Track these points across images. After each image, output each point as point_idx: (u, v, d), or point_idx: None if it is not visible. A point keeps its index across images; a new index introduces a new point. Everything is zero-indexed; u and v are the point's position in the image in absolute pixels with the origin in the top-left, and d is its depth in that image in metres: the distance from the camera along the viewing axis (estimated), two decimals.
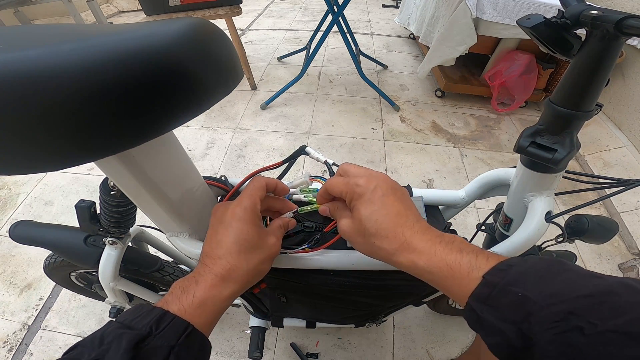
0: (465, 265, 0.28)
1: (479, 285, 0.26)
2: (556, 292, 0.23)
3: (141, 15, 1.68)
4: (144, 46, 0.23)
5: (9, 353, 0.90)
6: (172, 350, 0.26)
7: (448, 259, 0.29)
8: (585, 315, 0.21)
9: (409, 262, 0.30)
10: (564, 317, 0.22)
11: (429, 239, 0.30)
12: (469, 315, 0.27)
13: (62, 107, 0.20)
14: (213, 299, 0.31)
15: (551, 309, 0.22)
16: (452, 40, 1.58)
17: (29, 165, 0.22)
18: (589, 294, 0.22)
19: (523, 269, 0.26)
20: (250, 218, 0.35)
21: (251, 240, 0.34)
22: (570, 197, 1.33)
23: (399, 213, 0.32)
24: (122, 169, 0.31)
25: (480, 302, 0.26)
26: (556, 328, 0.22)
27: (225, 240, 0.34)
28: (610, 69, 0.34)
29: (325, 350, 0.91)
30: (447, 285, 0.29)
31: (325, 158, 0.43)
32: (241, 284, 0.33)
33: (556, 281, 0.24)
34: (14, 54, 0.20)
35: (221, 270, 0.32)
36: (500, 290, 0.25)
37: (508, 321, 0.24)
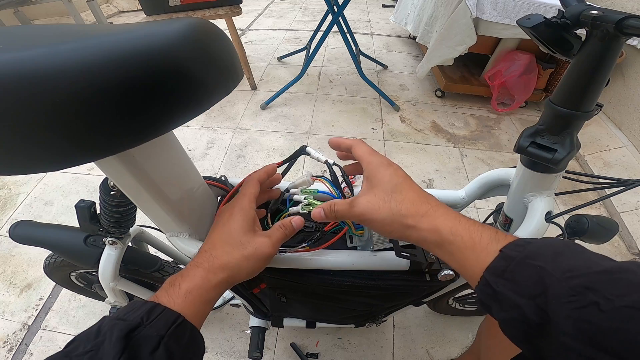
0: (486, 237, 0.28)
1: (496, 259, 0.26)
2: (573, 267, 0.23)
3: (141, 15, 1.68)
4: (144, 46, 0.23)
5: (9, 353, 0.90)
6: (161, 340, 0.27)
7: (471, 229, 0.29)
8: (602, 290, 0.21)
9: (432, 227, 0.30)
10: (580, 291, 0.21)
11: (451, 211, 0.31)
12: (482, 289, 0.27)
13: (62, 107, 0.20)
14: (197, 289, 0.32)
15: (568, 282, 0.22)
16: (451, 40, 1.58)
17: (29, 165, 0.22)
18: (605, 270, 0.22)
19: (541, 244, 0.26)
20: (241, 214, 0.37)
21: (235, 236, 0.36)
22: (570, 197, 1.33)
23: (420, 189, 0.34)
24: (122, 169, 0.31)
25: (497, 275, 0.26)
26: (573, 303, 0.21)
27: (214, 235, 0.37)
28: (611, 69, 0.34)
29: (325, 350, 0.91)
30: (464, 257, 0.28)
31: (326, 158, 0.43)
32: (223, 277, 0.34)
33: (573, 258, 0.24)
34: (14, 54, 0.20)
35: (204, 262, 0.34)
36: (517, 264, 0.25)
37: (525, 295, 0.24)
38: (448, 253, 0.30)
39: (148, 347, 0.26)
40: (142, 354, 0.26)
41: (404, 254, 0.43)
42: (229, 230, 0.36)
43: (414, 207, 0.31)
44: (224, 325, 0.95)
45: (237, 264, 0.35)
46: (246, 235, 0.36)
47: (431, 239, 0.30)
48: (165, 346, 0.27)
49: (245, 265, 0.35)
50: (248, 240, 0.36)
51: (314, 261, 0.45)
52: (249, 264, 0.35)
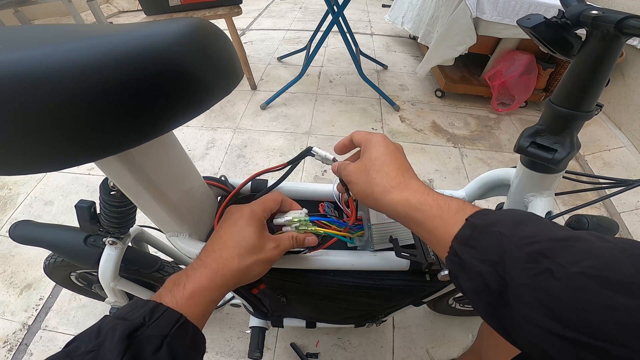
0: (454, 206, 0.29)
1: (463, 227, 0.27)
2: (530, 234, 0.23)
3: (141, 15, 1.68)
4: (144, 46, 0.23)
5: (9, 353, 0.90)
6: (164, 340, 0.27)
7: (439, 199, 0.30)
8: (555, 257, 0.21)
9: (403, 199, 0.31)
10: (535, 257, 0.22)
11: (423, 184, 0.33)
12: (451, 259, 0.27)
13: (62, 107, 0.20)
14: (202, 290, 0.32)
15: (524, 249, 0.22)
16: (451, 40, 1.58)
17: (29, 165, 0.22)
18: (561, 238, 0.22)
19: (504, 213, 0.27)
20: (255, 221, 0.37)
21: (249, 240, 0.36)
22: (570, 197, 1.33)
23: (402, 164, 0.36)
24: (122, 169, 0.31)
25: (462, 243, 0.26)
26: (528, 270, 0.22)
27: (225, 236, 0.36)
28: (611, 69, 0.34)
29: (325, 350, 0.91)
30: (433, 225, 0.29)
31: (333, 156, 0.43)
32: (231, 279, 0.34)
33: (532, 226, 0.25)
34: (14, 54, 0.20)
35: (212, 263, 0.34)
36: (480, 230, 0.25)
37: (486, 262, 0.24)
38: (418, 223, 0.30)
39: (151, 347, 0.26)
40: (145, 354, 0.26)
41: (404, 254, 0.43)
42: (242, 234, 0.36)
43: (388, 178, 0.33)
44: (224, 325, 0.95)
45: (249, 267, 0.35)
46: (260, 240, 0.36)
47: (402, 210, 0.31)
48: (168, 346, 0.27)
49: (254, 269, 0.36)
50: (262, 245, 0.36)
51: (314, 261, 0.45)
52: (258, 269, 0.36)
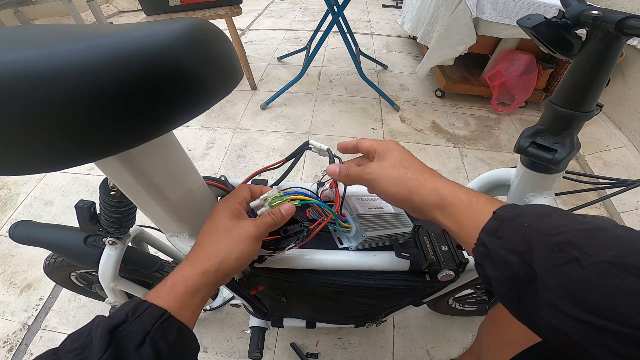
0: (482, 200, 0.31)
1: (490, 219, 0.28)
2: (557, 225, 0.24)
3: (141, 15, 1.68)
4: (144, 46, 0.23)
5: (9, 353, 0.90)
6: (147, 335, 0.27)
7: (468, 192, 0.32)
8: (582, 246, 0.22)
9: (434, 188, 0.33)
10: (563, 247, 0.22)
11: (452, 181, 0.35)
12: (478, 249, 0.28)
13: (62, 107, 0.20)
14: (183, 280, 0.32)
15: (552, 239, 0.23)
16: (451, 40, 1.58)
17: (29, 165, 0.22)
18: (586, 228, 0.23)
19: (531, 207, 0.28)
20: (227, 206, 0.38)
21: (221, 223, 0.37)
22: (570, 197, 1.33)
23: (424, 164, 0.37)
24: (122, 169, 0.31)
25: (489, 234, 0.27)
26: (555, 259, 0.22)
27: (204, 229, 0.37)
28: (611, 69, 0.34)
29: (325, 350, 0.91)
30: (462, 216, 0.31)
31: (327, 147, 0.44)
32: (211, 265, 0.34)
33: (558, 218, 0.26)
34: (13, 54, 0.20)
35: (192, 255, 0.35)
36: (508, 222, 0.27)
37: (513, 252, 0.25)
38: (447, 214, 0.32)
39: (133, 343, 0.26)
40: (128, 349, 0.26)
41: (403, 254, 0.43)
42: (214, 220, 0.37)
43: (419, 172, 0.35)
44: (224, 325, 0.95)
45: (225, 249, 0.35)
46: (230, 220, 0.37)
47: (433, 200, 0.33)
48: (150, 341, 0.27)
49: (233, 249, 0.35)
50: (232, 224, 0.36)
51: (314, 261, 0.45)
52: (236, 248, 0.35)
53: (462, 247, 0.46)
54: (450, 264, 0.44)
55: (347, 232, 0.46)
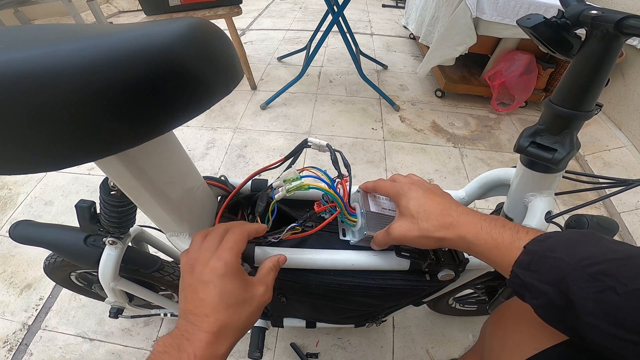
0: (508, 237, 0.32)
1: (521, 254, 0.30)
2: (590, 255, 0.27)
3: (141, 15, 1.68)
4: (144, 46, 0.23)
5: (9, 353, 0.90)
6: None
7: (493, 232, 0.33)
8: (617, 275, 0.25)
9: (458, 237, 0.35)
10: (598, 277, 0.25)
11: (474, 217, 0.36)
12: (513, 281, 0.31)
13: (62, 107, 0.20)
14: (211, 357, 0.31)
15: (585, 270, 0.26)
16: (451, 40, 1.58)
17: (29, 165, 0.22)
18: (618, 258, 0.26)
19: (559, 238, 0.30)
20: (232, 272, 0.34)
21: (237, 295, 0.34)
22: (570, 197, 1.33)
23: (441, 203, 0.38)
24: (122, 169, 0.31)
25: (523, 268, 0.30)
26: (592, 288, 0.25)
27: (209, 299, 0.33)
28: (610, 69, 0.34)
29: (325, 350, 0.91)
30: (492, 255, 0.33)
31: (327, 142, 0.44)
32: (235, 338, 0.33)
33: (590, 246, 0.28)
34: (14, 54, 0.20)
35: (212, 328, 0.32)
36: (540, 257, 0.29)
37: (548, 283, 0.28)
38: (478, 253, 0.34)
39: None
40: None
41: (404, 254, 0.43)
42: (227, 292, 0.33)
43: (438, 222, 0.36)
44: None
45: (245, 321, 0.34)
46: (246, 290, 0.35)
47: (461, 245, 0.35)
48: None
49: (252, 319, 0.35)
50: (250, 297, 0.35)
51: (314, 261, 0.45)
52: (255, 318, 0.36)
53: None
54: (451, 263, 0.44)
55: (353, 226, 0.46)
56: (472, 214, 0.36)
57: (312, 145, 0.45)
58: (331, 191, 0.42)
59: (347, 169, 0.44)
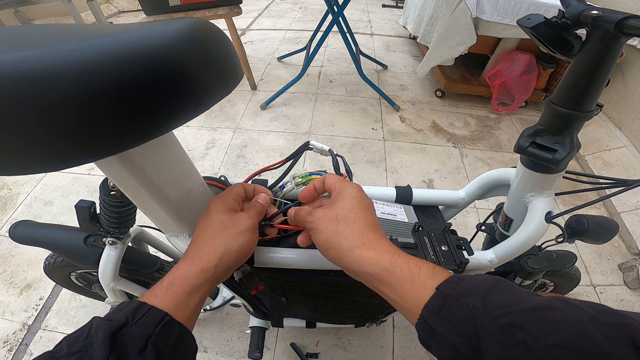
0: (425, 272, 0.28)
1: (433, 296, 0.26)
2: (502, 304, 0.24)
3: (141, 15, 1.68)
4: (144, 46, 0.23)
5: (9, 353, 0.90)
6: (149, 340, 0.27)
7: (410, 262, 0.29)
8: (529, 328, 0.21)
9: (372, 257, 0.30)
10: (509, 330, 0.22)
11: (392, 245, 0.32)
12: (422, 327, 0.27)
13: (61, 107, 0.20)
14: (181, 279, 0.32)
15: (497, 321, 0.23)
16: (451, 40, 1.58)
17: (29, 165, 0.22)
18: (532, 308, 0.23)
19: (474, 282, 0.26)
20: (220, 202, 0.37)
21: (216, 218, 0.36)
22: (570, 197, 1.33)
23: (374, 221, 0.34)
24: (122, 169, 0.31)
25: (434, 313, 0.26)
26: (503, 342, 0.22)
27: (199, 226, 0.36)
28: (611, 69, 0.34)
29: (325, 350, 0.91)
30: (403, 291, 0.28)
31: (329, 147, 0.44)
32: (210, 262, 0.33)
33: (502, 294, 0.25)
34: (14, 54, 0.20)
35: (189, 252, 0.34)
36: (452, 301, 0.25)
37: (460, 334, 0.24)
38: (385, 284, 0.29)
39: (136, 347, 0.26)
40: (130, 354, 0.26)
41: None
42: (208, 217, 0.36)
43: (358, 233, 0.32)
44: (224, 325, 0.95)
45: (224, 244, 0.34)
46: (225, 215, 0.36)
47: (369, 268, 0.30)
48: (153, 345, 0.27)
49: (232, 243, 0.35)
50: (228, 218, 0.36)
51: (314, 261, 0.45)
52: (235, 241, 0.35)
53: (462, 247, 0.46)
54: (450, 263, 0.44)
55: None
56: (391, 243, 0.32)
57: (314, 149, 0.45)
58: None
59: (349, 175, 0.44)
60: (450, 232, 0.47)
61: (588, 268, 1.14)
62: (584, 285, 1.08)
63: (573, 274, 0.74)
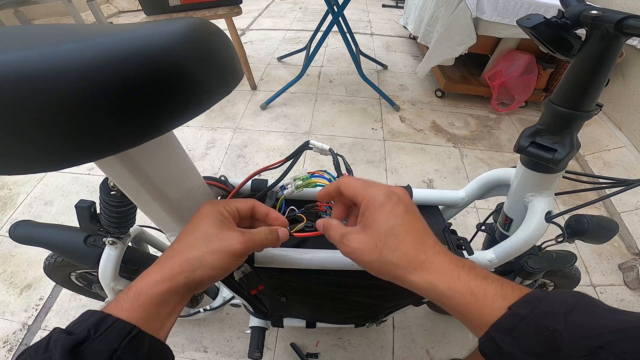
0: (491, 292, 0.26)
1: (504, 316, 0.25)
2: (586, 326, 0.23)
3: (141, 15, 1.68)
4: (144, 46, 0.23)
5: (9, 353, 0.90)
6: (114, 354, 0.24)
7: (472, 284, 0.27)
8: (614, 349, 0.21)
9: (426, 283, 0.28)
10: (593, 351, 0.21)
11: (451, 262, 0.29)
12: (487, 344, 0.25)
13: (62, 107, 0.20)
14: (148, 288, 0.28)
15: (580, 343, 0.22)
16: (451, 40, 1.58)
17: (29, 165, 0.22)
18: (617, 329, 0.22)
19: (553, 299, 0.25)
20: (213, 213, 0.34)
21: (202, 228, 0.32)
22: (570, 197, 1.33)
23: (419, 231, 0.30)
24: (122, 169, 0.31)
25: (504, 333, 0.24)
26: None
27: (184, 232, 0.33)
28: (610, 69, 0.34)
29: (325, 350, 0.91)
30: (465, 311, 0.27)
31: (330, 146, 0.43)
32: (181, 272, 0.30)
33: (586, 314, 0.24)
34: (13, 54, 0.20)
35: (162, 258, 0.31)
36: (528, 323, 0.24)
37: (534, 354, 0.23)
38: (447, 306, 0.28)
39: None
40: None
41: None
42: (197, 224, 0.33)
43: (407, 258, 0.29)
44: (224, 325, 0.95)
45: (199, 256, 0.31)
46: (213, 227, 0.32)
47: (426, 293, 0.28)
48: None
49: (209, 259, 0.31)
50: (215, 233, 0.32)
51: (314, 261, 0.45)
52: (213, 258, 0.31)
53: (462, 246, 0.46)
54: None
55: None
56: (448, 255, 0.29)
57: (314, 148, 0.44)
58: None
59: (349, 174, 0.44)
60: (450, 232, 0.47)
61: (588, 268, 1.14)
62: (584, 285, 1.09)
63: (573, 274, 0.74)
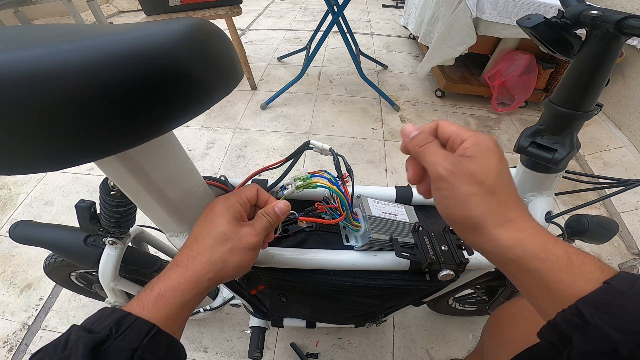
0: (589, 263, 0.24)
1: (599, 290, 0.23)
2: None
3: (141, 15, 1.68)
4: (144, 46, 0.23)
5: (9, 353, 0.90)
6: (134, 353, 0.25)
7: (569, 250, 0.25)
8: None
9: (514, 240, 0.25)
10: None
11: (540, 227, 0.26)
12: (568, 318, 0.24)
13: (61, 107, 0.20)
14: (172, 290, 0.29)
15: None
16: (451, 40, 1.58)
17: (29, 165, 0.22)
18: None
19: None
20: (228, 209, 0.35)
21: (220, 228, 0.33)
22: (570, 197, 1.33)
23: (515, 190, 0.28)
24: (122, 169, 0.31)
25: (595, 307, 0.23)
26: None
27: (197, 230, 0.34)
28: (611, 69, 0.34)
29: (325, 350, 0.91)
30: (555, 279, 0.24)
31: (330, 146, 0.43)
32: (204, 274, 0.31)
33: None
34: (14, 54, 0.20)
35: (183, 260, 0.32)
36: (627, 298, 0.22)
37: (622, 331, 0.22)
38: (529, 271, 0.25)
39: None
40: None
41: (404, 254, 0.43)
42: (212, 224, 0.34)
43: (504, 208, 0.26)
44: (224, 325, 0.95)
45: (220, 258, 0.32)
46: (232, 226, 0.33)
47: (509, 252, 0.25)
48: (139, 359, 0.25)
49: (230, 259, 0.32)
50: (232, 232, 0.33)
51: (314, 261, 0.45)
52: (234, 258, 0.33)
53: (462, 246, 0.46)
54: (451, 263, 0.44)
55: (356, 231, 0.46)
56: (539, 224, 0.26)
57: (314, 148, 0.44)
58: (337, 189, 0.42)
59: (349, 174, 0.44)
60: (450, 231, 0.47)
61: None
62: None
63: None
